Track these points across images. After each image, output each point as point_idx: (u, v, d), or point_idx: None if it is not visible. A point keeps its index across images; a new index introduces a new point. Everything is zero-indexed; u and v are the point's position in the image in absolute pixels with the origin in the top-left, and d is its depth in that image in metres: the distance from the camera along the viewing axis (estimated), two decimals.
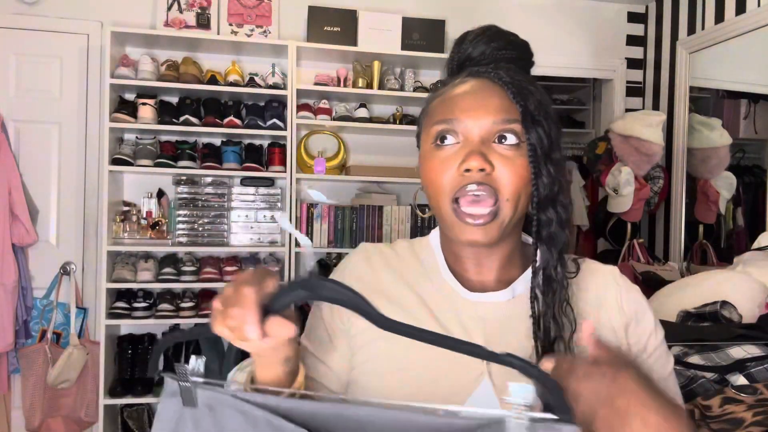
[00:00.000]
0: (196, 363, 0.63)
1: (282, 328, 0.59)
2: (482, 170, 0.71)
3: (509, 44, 0.81)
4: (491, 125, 0.73)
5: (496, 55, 0.79)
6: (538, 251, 0.75)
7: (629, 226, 3.28)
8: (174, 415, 0.64)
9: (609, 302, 0.80)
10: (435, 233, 0.87)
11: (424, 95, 3.17)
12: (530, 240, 0.85)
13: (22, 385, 2.84)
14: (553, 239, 0.75)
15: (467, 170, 0.72)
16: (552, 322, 0.74)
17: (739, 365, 1.41)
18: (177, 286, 3.00)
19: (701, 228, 3.30)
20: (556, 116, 0.76)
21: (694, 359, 1.48)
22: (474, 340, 0.75)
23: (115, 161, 2.87)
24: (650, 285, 2.75)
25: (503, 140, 0.73)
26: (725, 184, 3.20)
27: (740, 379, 1.37)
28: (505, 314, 0.78)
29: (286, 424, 0.58)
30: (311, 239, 3.10)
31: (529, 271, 0.80)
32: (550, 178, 0.73)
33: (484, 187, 0.72)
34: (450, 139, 0.75)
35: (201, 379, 0.62)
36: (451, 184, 0.74)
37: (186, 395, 0.62)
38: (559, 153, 0.75)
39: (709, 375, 1.42)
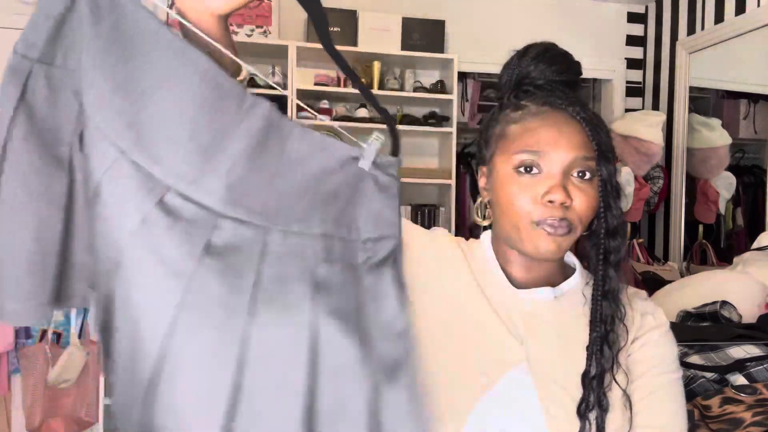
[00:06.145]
0: None
1: None
2: (563, 203, 0.79)
3: (568, 67, 0.87)
4: (572, 161, 0.80)
5: (554, 77, 0.86)
6: (608, 275, 0.83)
7: (629, 226, 3.28)
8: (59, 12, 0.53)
9: None
10: (486, 235, 0.94)
11: (425, 95, 3.18)
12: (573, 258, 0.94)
13: (22, 385, 2.84)
14: (619, 265, 0.83)
15: (550, 201, 0.78)
16: (613, 337, 0.82)
17: (739, 365, 1.41)
18: None
19: (701, 228, 3.30)
20: (613, 148, 0.85)
21: (694, 359, 1.48)
22: (517, 330, 0.84)
23: None
24: (650, 285, 2.75)
25: (580, 174, 0.81)
26: (725, 184, 3.20)
27: (740, 379, 1.37)
28: (548, 311, 0.85)
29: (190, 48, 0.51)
30: None
31: (573, 278, 0.89)
32: (618, 210, 0.82)
33: (563, 222, 0.79)
34: (533, 170, 0.81)
35: None
36: (532, 210, 0.80)
37: None
38: (618, 183, 0.83)
39: (708, 375, 1.42)
